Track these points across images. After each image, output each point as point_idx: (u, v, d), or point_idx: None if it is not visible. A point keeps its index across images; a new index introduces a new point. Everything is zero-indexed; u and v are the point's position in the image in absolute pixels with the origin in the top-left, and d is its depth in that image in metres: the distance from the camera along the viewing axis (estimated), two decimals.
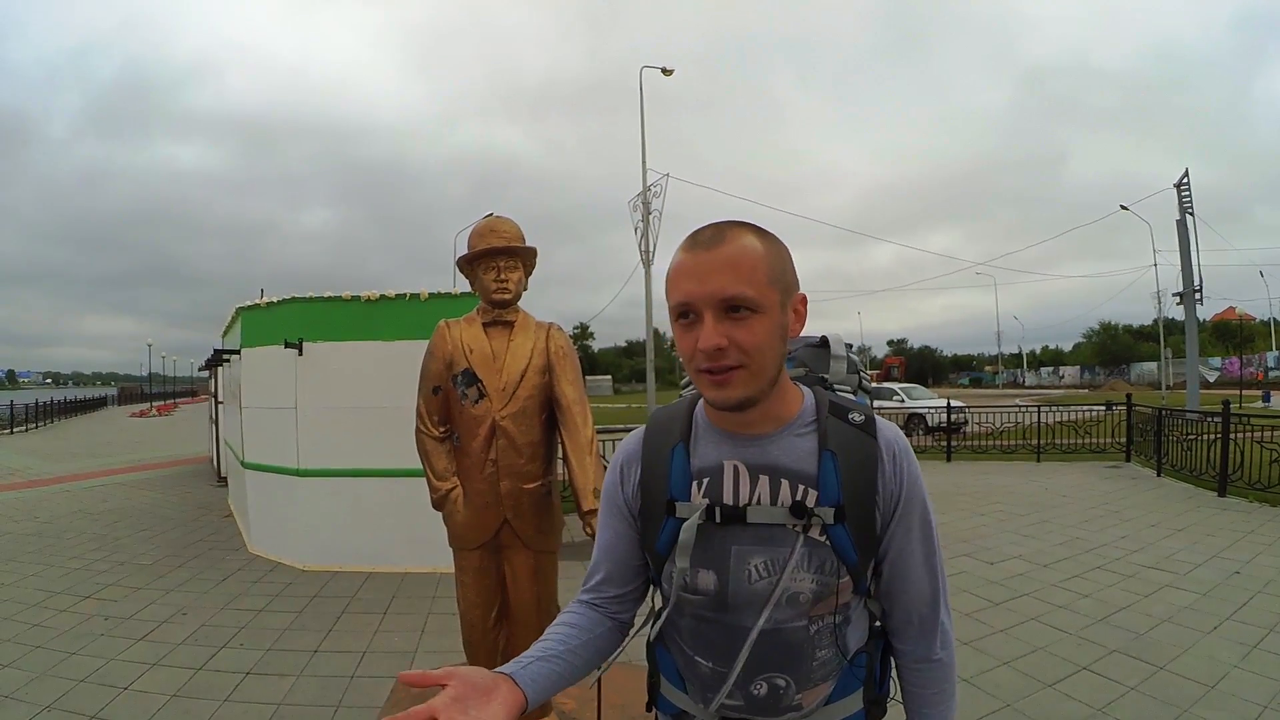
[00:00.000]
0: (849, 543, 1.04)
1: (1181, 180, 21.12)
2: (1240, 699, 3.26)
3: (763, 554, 1.05)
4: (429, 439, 2.70)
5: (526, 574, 2.70)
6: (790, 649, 1.06)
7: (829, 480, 1.04)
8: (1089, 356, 75.10)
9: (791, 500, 1.04)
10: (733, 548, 1.06)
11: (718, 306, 0.96)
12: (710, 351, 0.96)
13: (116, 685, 3.60)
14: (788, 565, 1.03)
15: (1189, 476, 9.14)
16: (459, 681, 0.85)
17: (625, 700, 2.98)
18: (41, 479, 11.54)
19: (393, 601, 4.94)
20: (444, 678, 0.85)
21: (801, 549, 1.03)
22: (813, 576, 1.04)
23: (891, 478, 1.07)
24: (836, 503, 1.03)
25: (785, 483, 1.05)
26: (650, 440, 1.17)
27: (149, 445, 18.25)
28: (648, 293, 21.50)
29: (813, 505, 1.03)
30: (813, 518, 1.03)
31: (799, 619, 1.05)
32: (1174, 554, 5.77)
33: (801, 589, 1.04)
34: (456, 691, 0.83)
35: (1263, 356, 53.68)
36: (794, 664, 1.07)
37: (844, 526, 1.04)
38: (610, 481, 1.22)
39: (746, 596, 1.06)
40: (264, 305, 6.47)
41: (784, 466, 1.05)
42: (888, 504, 1.07)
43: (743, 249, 0.98)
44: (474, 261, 2.67)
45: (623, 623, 1.26)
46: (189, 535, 7.16)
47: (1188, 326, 21.23)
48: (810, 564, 1.03)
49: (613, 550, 1.21)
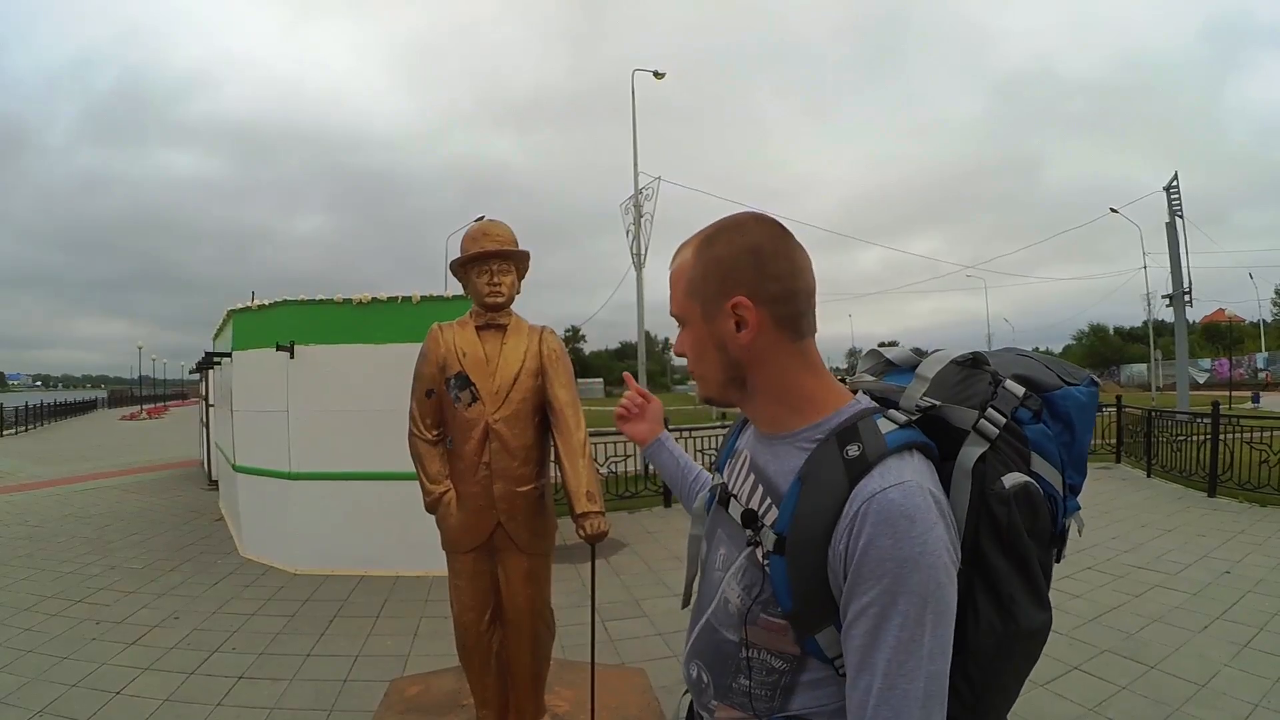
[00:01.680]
0: (785, 583, 0.90)
1: (1171, 183, 21.26)
2: (1231, 697, 3.29)
3: (726, 546, 1.06)
4: (422, 442, 2.70)
5: (520, 577, 2.69)
6: (719, 654, 1.03)
7: (787, 506, 0.93)
8: (1079, 358, 75.41)
9: (749, 506, 1.01)
10: (718, 530, 1.10)
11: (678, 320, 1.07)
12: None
13: (109, 690, 3.59)
14: (730, 568, 1.02)
15: (1179, 477, 9.18)
16: (651, 404, 1.61)
17: (619, 701, 2.98)
18: (32, 482, 11.46)
19: (385, 605, 4.93)
20: (644, 395, 1.62)
21: (743, 560, 0.99)
22: (740, 592, 0.98)
23: (844, 536, 0.85)
24: (781, 532, 0.92)
25: (761, 488, 1.01)
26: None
27: (140, 448, 18.16)
28: (639, 296, 21.52)
29: (767, 523, 0.96)
30: (759, 534, 0.96)
31: (731, 631, 1.01)
32: (1164, 554, 5.80)
33: (731, 599, 1.00)
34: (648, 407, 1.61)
35: (1251, 358, 54.02)
36: (718, 670, 1.04)
37: (782, 561, 0.91)
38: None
39: (710, 581, 1.09)
40: (256, 308, 6.45)
41: (767, 473, 1.01)
42: (839, 565, 0.86)
43: (677, 268, 1.05)
44: (467, 265, 2.67)
45: None
46: (180, 539, 7.13)
47: (1177, 328, 21.35)
48: (743, 578, 0.98)
49: None
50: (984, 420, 0.93)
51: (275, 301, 6.24)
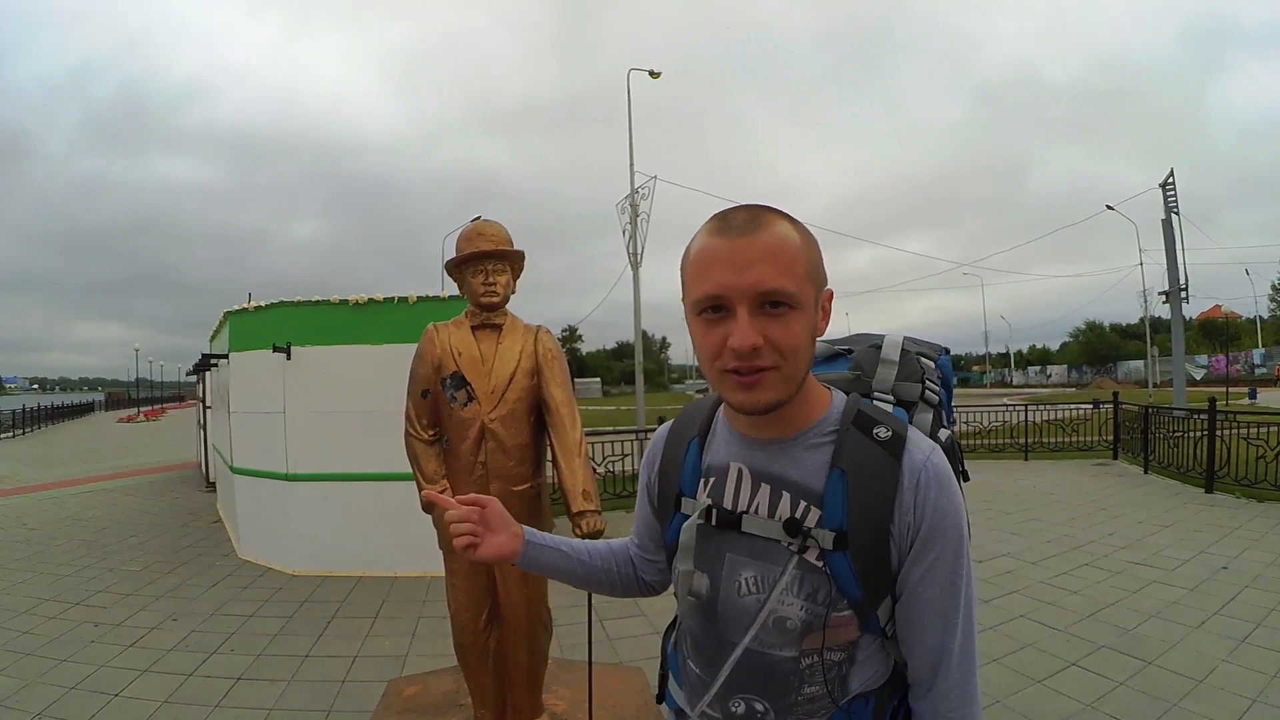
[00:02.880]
0: (851, 574, 0.93)
1: (1167, 180, 21.26)
2: (1228, 693, 3.29)
3: (754, 568, 0.98)
4: (418, 442, 2.70)
5: (517, 577, 2.69)
6: (775, 676, 0.98)
7: (834, 501, 0.93)
8: (1076, 355, 75.62)
9: (789, 515, 0.95)
10: (726, 555, 1.00)
11: (754, 300, 0.87)
12: (744, 351, 0.86)
13: (107, 692, 3.58)
14: (776, 586, 0.96)
15: (1176, 473, 9.19)
16: (490, 510, 1.15)
17: (617, 701, 2.98)
18: (29, 486, 11.44)
19: (383, 606, 4.93)
20: (478, 501, 1.15)
21: (793, 571, 0.95)
22: (802, 604, 0.95)
23: (911, 507, 0.92)
24: (839, 527, 0.92)
25: (786, 495, 0.96)
26: (675, 432, 1.15)
27: (137, 451, 18.13)
28: (636, 295, 21.46)
29: (812, 525, 0.94)
30: (809, 539, 0.93)
31: (787, 648, 0.97)
32: (1161, 550, 5.81)
33: (789, 615, 0.95)
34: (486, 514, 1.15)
35: (1248, 354, 54.14)
36: (776, 693, 0.99)
37: (845, 555, 0.92)
38: (643, 463, 1.23)
39: (735, 609, 0.99)
40: (252, 309, 6.44)
41: (788, 478, 0.97)
42: (904, 537, 0.93)
43: (782, 238, 0.89)
44: (462, 265, 2.67)
45: (645, 582, 1.28)
46: (178, 541, 7.12)
47: (1174, 325, 21.33)
48: (800, 589, 0.94)
49: (641, 525, 1.25)
50: (928, 392, 1.10)
51: (271, 303, 6.23)
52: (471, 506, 1.13)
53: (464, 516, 1.12)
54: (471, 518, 1.12)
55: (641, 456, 1.44)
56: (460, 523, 1.11)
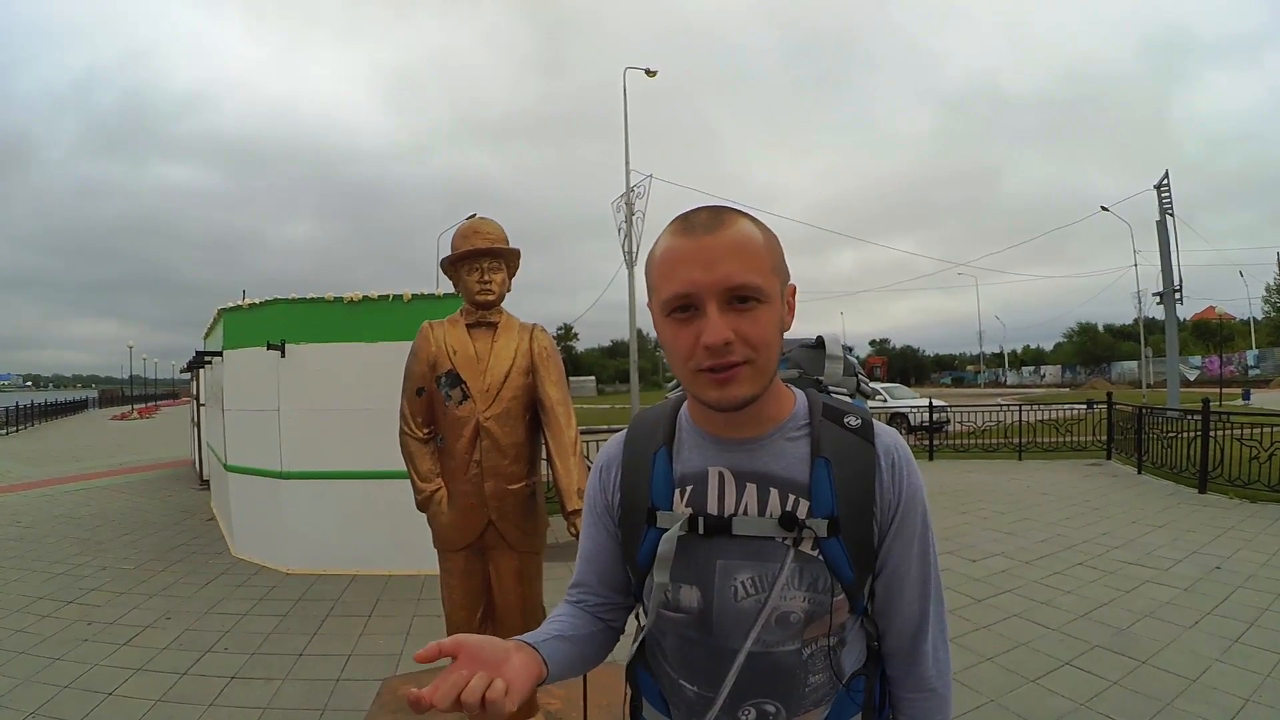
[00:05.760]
0: (844, 558, 0.95)
1: (1162, 181, 21.33)
2: (1222, 692, 3.30)
3: (750, 569, 0.96)
4: (413, 441, 2.69)
5: (511, 575, 2.69)
6: (781, 673, 0.98)
7: (822, 489, 0.96)
8: (1070, 356, 75.81)
9: (781, 510, 0.96)
10: (718, 562, 0.98)
11: (723, 296, 0.88)
12: (717, 346, 0.87)
13: (101, 691, 3.57)
14: (777, 582, 0.95)
15: (1169, 474, 9.23)
16: (466, 656, 0.83)
17: (611, 700, 2.98)
18: (22, 483, 11.39)
19: (378, 604, 4.92)
20: (454, 649, 0.83)
21: (792, 564, 0.95)
22: (804, 595, 0.95)
23: (890, 487, 0.99)
24: (831, 514, 0.95)
25: (775, 491, 0.97)
26: (632, 444, 1.09)
27: (130, 448, 18.07)
28: (631, 294, 21.49)
29: (804, 516, 0.95)
30: (804, 530, 0.94)
31: (790, 642, 0.97)
32: (1155, 550, 5.83)
33: (792, 608, 0.95)
34: (467, 667, 0.82)
35: (1242, 355, 54.33)
36: (785, 689, 0.99)
37: (839, 540, 0.95)
38: (592, 488, 1.14)
39: (733, 616, 0.97)
40: (246, 307, 6.41)
41: (773, 474, 0.98)
42: (885, 516, 0.99)
43: (746, 235, 0.91)
44: (457, 263, 2.67)
45: (613, 627, 1.22)
46: (172, 539, 7.09)
47: (1168, 326, 21.42)
48: (801, 581, 0.95)
49: (594, 561, 1.16)
50: (862, 384, 1.24)
51: (266, 300, 6.20)
52: (448, 660, 0.84)
53: (461, 679, 0.80)
54: (464, 672, 0.81)
55: None
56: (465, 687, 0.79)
